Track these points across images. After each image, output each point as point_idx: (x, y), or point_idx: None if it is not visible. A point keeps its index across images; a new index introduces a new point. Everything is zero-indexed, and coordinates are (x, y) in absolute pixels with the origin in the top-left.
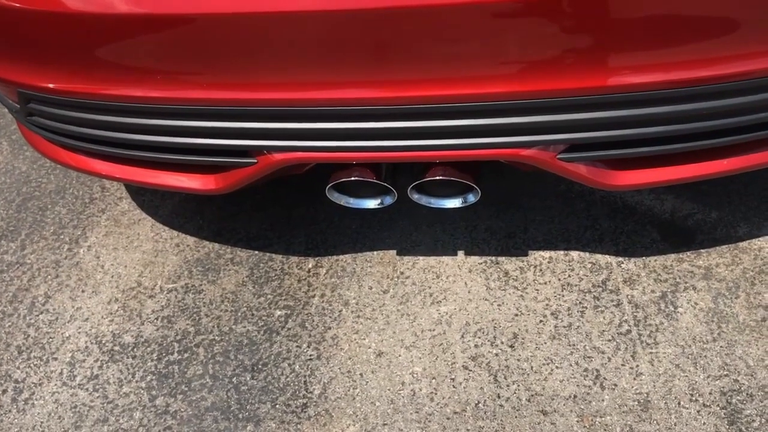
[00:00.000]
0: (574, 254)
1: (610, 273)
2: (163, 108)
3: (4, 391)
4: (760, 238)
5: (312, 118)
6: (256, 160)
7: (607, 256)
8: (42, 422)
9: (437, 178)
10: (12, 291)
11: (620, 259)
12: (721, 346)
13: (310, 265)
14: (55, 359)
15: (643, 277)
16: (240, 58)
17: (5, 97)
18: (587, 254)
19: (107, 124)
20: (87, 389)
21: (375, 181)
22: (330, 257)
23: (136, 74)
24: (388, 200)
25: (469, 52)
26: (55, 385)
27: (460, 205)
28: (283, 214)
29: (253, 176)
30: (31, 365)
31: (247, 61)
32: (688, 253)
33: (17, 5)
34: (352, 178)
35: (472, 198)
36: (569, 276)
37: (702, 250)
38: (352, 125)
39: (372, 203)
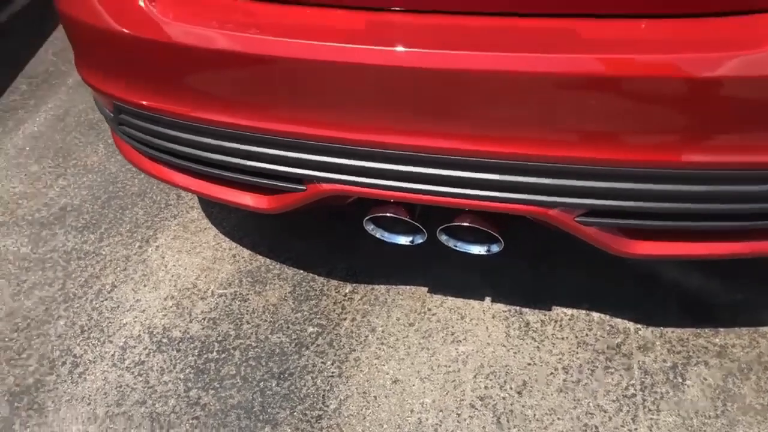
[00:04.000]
0: (595, 315)
1: (626, 337)
2: (236, 133)
3: (63, 363)
4: None
5: (357, 156)
6: (305, 188)
7: (626, 321)
8: (90, 395)
9: (464, 224)
10: (84, 277)
11: (638, 326)
12: (722, 423)
13: (347, 290)
14: (111, 342)
15: (657, 345)
16: (306, 98)
17: (103, 107)
18: (608, 317)
19: (187, 141)
20: (132, 372)
21: (407, 219)
22: (366, 285)
23: (217, 101)
24: (419, 239)
25: (504, 116)
26: (107, 364)
27: (484, 253)
28: (333, 241)
29: (301, 201)
30: (90, 344)
31: (311, 102)
32: (707, 330)
33: (126, 31)
34: (387, 214)
35: (495, 248)
36: (586, 335)
37: (721, 329)
38: (389, 167)
39: (403, 239)
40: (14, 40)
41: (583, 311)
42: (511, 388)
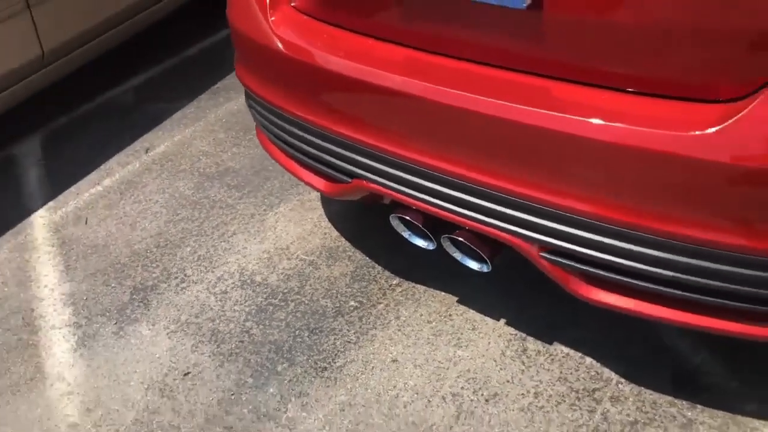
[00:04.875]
0: (588, 360)
1: (605, 386)
2: (312, 128)
3: (176, 278)
4: (762, 421)
5: (387, 163)
6: (350, 181)
7: (613, 373)
8: (181, 305)
9: (459, 238)
10: (217, 222)
11: (622, 380)
12: None
13: (393, 282)
14: (212, 272)
15: (629, 401)
16: (361, 111)
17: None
18: (599, 365)
19: (283, 128)
20: (216, 298)
21: (417, 224)
22: (410, 283)
23: (303, 101)
24: (431, 246)
25: (490, 152)
26: (203, 287)
27: (477, 269)
28: (400, 244)
29: (347, 192)
30: (198, 269)
31: (365, 114)
32: (684, 402)
33: (253, 40)
34: (405, 217)
35: (485, 268)
36: (571, 373)
37: (698, 406)
38: (406, 176)
39: (419, 242)
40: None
41: (579, 354)
42: (482, 395)
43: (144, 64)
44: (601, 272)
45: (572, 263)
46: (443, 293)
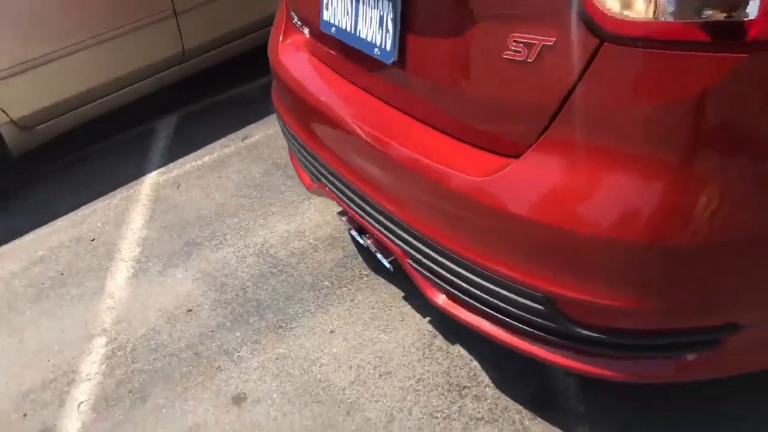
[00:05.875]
0: (475, 363)
1: (475, 386)
2: (297, 139)
3: (216, 239)
4: None
5: (330, 172)
6: (318, 184)
7: (487, 378)
8: (211, 260)
9: (368, 241)
10: (266, 202)
11: (491, 385)
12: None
13: (364, 273)
14: (243, 240)
15: (487, 402)
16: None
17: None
18: (480, 369)
19: (289, 139)
20: (238, 260)
21: (353, 230)
22: (376, 276)
23: (293, 118)
24: (363, 242)
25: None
26: (232, 250)
27: (388, 266)
28: None
29: (315, 190)
30: (235, 236)
31: (317, 132)
32: (529, 413)
33: (274, 68)
34: (344, 218)
35: (390, 267)
36: (455, 370)
37: (539, 419)
38: (338, 184)
39: (357, 237)
40: None
41: (471, 357)
42: (379, 371)
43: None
44: (437, 281)
45: (422, 270)
46: (395, 288)
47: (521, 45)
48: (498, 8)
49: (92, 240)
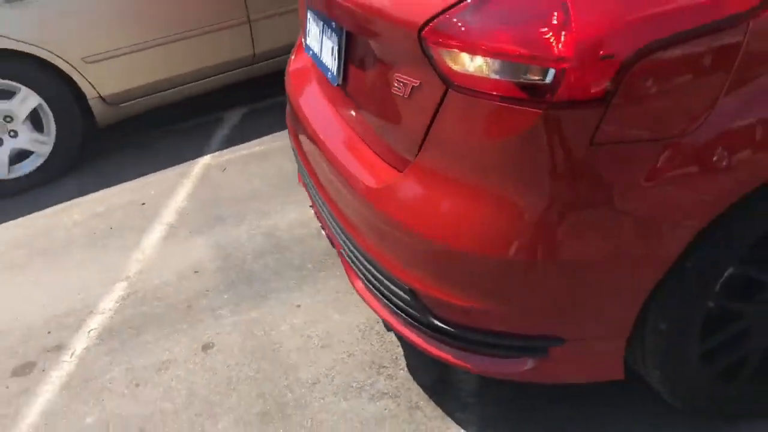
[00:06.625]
0: (402, 351)
1: (393, 368)
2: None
3: (240, 218)
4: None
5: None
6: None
7: (405, 364)
8: (229, 234)
9: (324, 231)
10: (290, 192)
11: (406, 369)
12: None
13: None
14: (259, 221)
15: (397, 381)
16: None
17: None
18: (404, 356)
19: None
20: (248, 236)
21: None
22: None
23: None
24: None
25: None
26: (247, 228)
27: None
28: None
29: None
30: (255, 217)
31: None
32: (424, 395)
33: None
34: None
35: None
36: (383, 353)
37: (421, 402)
38: (308, 184)
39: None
40: None
41: (398, 345)
42: (321, 342)
43: None
44: (355, 269)
45: (347, 259)
46: None
47: (401, 83)
48: (390, 53)
49: (142, 204)
